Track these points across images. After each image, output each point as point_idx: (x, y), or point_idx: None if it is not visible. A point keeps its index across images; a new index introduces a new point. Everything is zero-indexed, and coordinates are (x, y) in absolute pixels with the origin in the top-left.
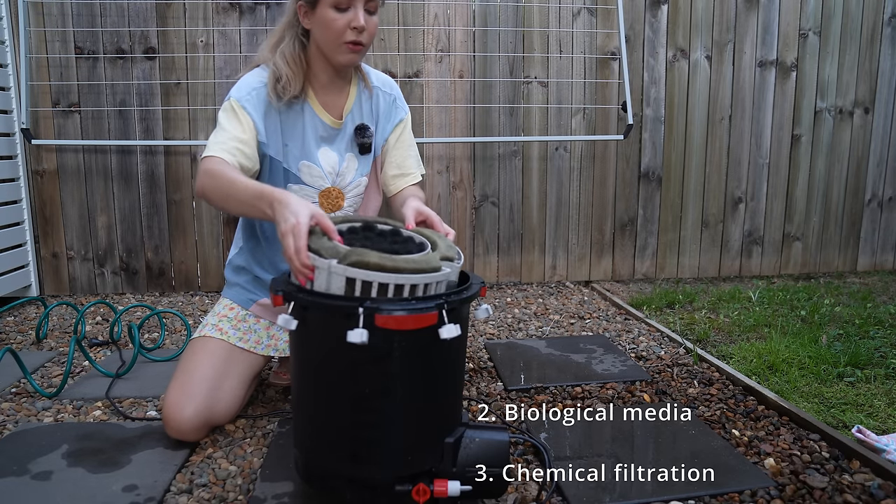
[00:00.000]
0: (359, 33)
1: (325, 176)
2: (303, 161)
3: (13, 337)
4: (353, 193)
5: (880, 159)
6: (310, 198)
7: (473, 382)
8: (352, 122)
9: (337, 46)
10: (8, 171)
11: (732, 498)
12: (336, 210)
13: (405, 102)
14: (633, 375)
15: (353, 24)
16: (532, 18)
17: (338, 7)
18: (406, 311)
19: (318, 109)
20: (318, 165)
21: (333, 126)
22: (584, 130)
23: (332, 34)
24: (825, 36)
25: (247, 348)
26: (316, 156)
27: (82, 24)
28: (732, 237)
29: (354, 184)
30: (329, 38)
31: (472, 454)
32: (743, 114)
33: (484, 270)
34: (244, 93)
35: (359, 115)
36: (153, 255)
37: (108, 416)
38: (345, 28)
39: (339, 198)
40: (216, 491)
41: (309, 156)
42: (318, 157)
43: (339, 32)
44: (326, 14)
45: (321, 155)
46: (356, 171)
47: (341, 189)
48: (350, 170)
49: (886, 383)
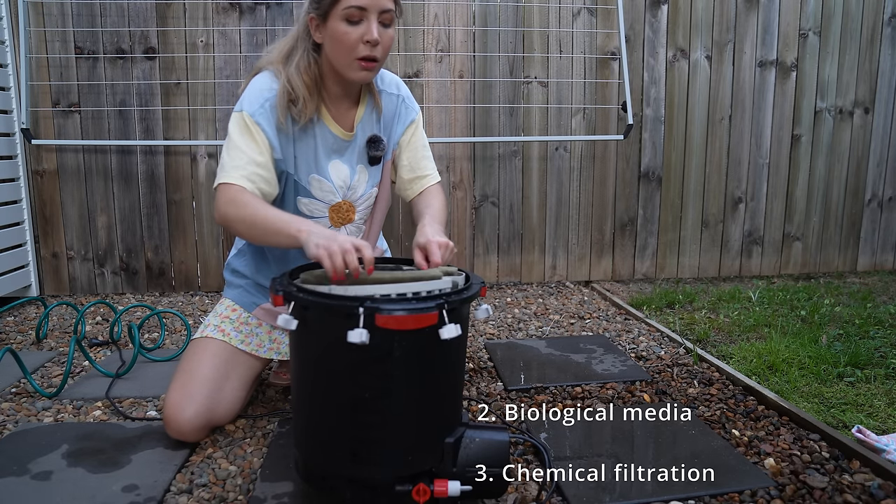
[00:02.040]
0: (372, 47)
1: (336, 190)
2: (313, 175)
3: (13, 337)
4: (363, 206)
5: (880, 159)
6: (319, 211)
7: (473, 382)
8: (362, 132)
9: (349, 62)
10: (8, 171)
11: (732, 498)
12: (347, 223)
13: (415, 101)
14: (633, 375)
15: (366, 37)
16: (532, 18)
17: (350, 19)
18: (406, 310)
19: (329, 122)
20: (329, 180)
21: (345, 138)
22: (584, 130)
23: (345, 48)
24: (825, 36)
25: (248, 351)
26: (327, 170)
27: (82, 24)
28: (732, 237)
29: (366, 196)
30: (341, 52)
31: (472, 454)
32: (743, 114)
33: (484, 270)
34: (257, 106)
35: (369, 125)
36: (153, 255)
37: (108, 416)
38: (357, 42)
39: (349, 211)
40: (216, 491)
41: (319, 170)
42: (328, 171)
43: (351, 47)
44: (338, 27)
45: (332, 168)
46: (367, 182)
47: (352, 202)
48: (362, 182)
49: (886, 383)
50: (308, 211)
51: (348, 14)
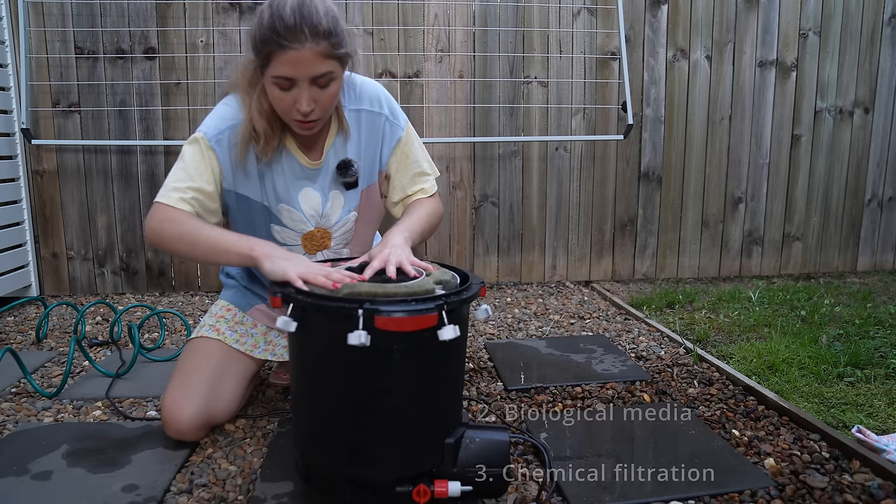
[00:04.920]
0: (306, 114)
1: (307, 220)
2: (281, 205)
3: (13, 337)
4: (340, 232)
5: (880, 159)
6: (292, 239)
7: (473, 382)
8: (334, 156)
9: (289, 120)
10: (8, 171)
11: (732, 498)
12: (322, 249)
13: (401, 114)
14: (633, 375)
15: (297, 105)
16: (532, 18)
17: (280, 87)
18: (405, 312)
19: (294, 151)
20: (299, 210)
21: (311, 167)
22: (584, 130)
23: (280, 109)
24: (825, 36)
25: (243, 350)
26: (296, 199)
27: (82, 24)
28: (732, 237)
29: (342, 222)
30: (279, 110)
31: (472, 454)
32: (743, 114)
33: (484, 270)
34: (215, 132)
35: (342, 149)
36: (153, 255)
37: (108, 416)
38: (290, 106)
39: (324, 238)
40: (216, 491)
41: (288, 199)
42: (298, 200)
43: (284, 110)
44: (272, 90)
45: (302, 197)
46: (342, 208)
47: (327, 229)
48: (336, 209)
49: (886, 383)
50: (281, 238)
51: (278, 83)
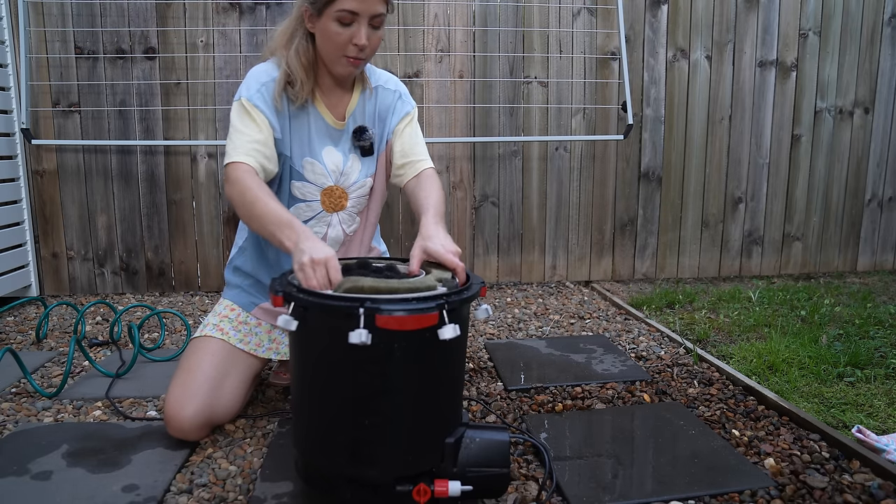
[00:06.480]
0: (360, 50)
1: (328, 174)
2: (306, 157)
3: (13, 337)
4: (356, 194)
5: (880, 159)
6: (312, 195)
7: (473, 382)
8: (353, 122)
9: (337, 58)
10: (8, 171)
11: (732, 498)
12: (339, 210)
13: (411, 98)
14: (633, 375)
15: (354, 40)
16: (532, 18)
17: (341, 21)
18: (406, 311)
19: (322, 110)
20: (322, 163)
21: (336, 127)
22: (584, 130)
23: (334, 46)
24: (825, 36)
25: (247, 350)
26: (320, 153)
27: (82, 24)
28: (732, 237)
29: (359, 184)
30: (330, 48)
31: (472, 454)
32: (743, 114)
33: (484, 270)
34: (254, 90)
35: (361, 117)
36: (153, 255)
37: (108, 416)
38: (346, 43)
39: (342, 197)
40: (216, 491)
41: (313, 153)
42: (321, 154)
43: (340, 46)
44: (329, 26)
45: (325, 153)
46: (360, 171)
47: (345, 189)
48: (354, 170)
49: (886, 383)
50: (301, 194)
51: (340, 16)
